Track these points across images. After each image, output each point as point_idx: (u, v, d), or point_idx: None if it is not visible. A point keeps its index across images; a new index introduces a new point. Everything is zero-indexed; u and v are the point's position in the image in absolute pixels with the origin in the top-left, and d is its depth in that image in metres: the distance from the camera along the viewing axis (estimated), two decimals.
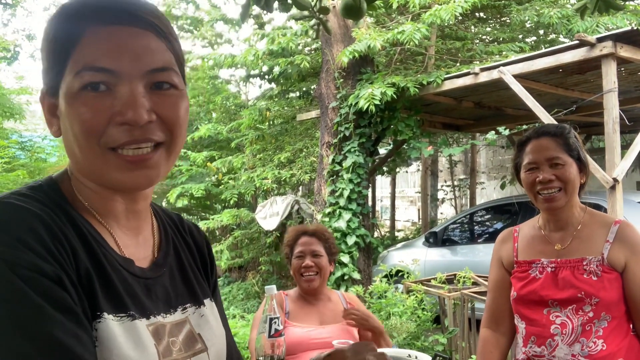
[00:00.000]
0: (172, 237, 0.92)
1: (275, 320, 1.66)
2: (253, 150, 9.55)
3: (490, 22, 9.26)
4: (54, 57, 0.74)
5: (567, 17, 6.89)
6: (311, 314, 2.40)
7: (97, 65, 0.71)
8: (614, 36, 4.68)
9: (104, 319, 0.70)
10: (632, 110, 6.99)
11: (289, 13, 7.13)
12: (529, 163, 1.75)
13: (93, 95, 0.71)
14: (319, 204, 7.09)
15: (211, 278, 0.98)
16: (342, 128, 6.81)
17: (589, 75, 5.65)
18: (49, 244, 0.66)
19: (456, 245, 6.99)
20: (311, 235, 2.49)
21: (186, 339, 0.82)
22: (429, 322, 4.46)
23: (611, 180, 4.59)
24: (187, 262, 0.92)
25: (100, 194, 0.78)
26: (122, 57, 0.71)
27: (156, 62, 0.74)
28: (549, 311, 1.69)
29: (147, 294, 0.79)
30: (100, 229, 0.78)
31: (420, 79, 6.22)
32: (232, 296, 8.32)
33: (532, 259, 1.77)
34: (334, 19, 6.84)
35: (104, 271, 0.74)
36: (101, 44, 0.71)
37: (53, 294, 0.63)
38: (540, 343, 1.70)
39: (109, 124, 0.71)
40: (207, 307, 0.90)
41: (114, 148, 0.72)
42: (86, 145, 0.72)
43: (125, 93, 0.71)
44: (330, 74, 7.01)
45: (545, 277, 1.71)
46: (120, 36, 0.72)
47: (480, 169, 13.37)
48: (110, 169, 0.73)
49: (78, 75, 0.71)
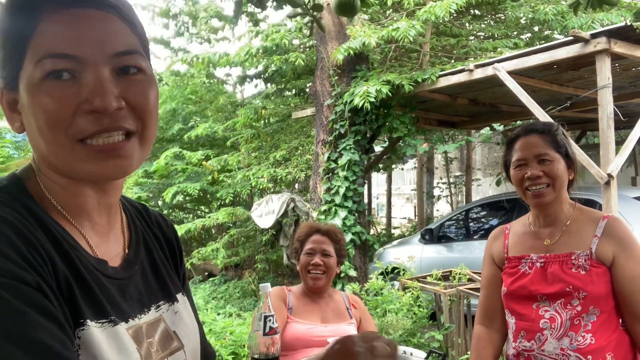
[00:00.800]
0: (142, 231, 0.89)
1: (270, 318, 1.66)
2: (248, 149, 9.53)
3: (485, 19, 9.27)
4: (10, 47, 0.69)
5: (561, 13, 6.90)
6: (314, 312, 2.41)
7: (58, 51, 0.66)
8: (607, 32, 4.68)
9: (87, 326, 0.68)
10: (627, 106, 7.00)
11: (283, 11, 7.10)
12: (517, 160, 1.77)
13: (56, 84, 0.66)
14: (315, 202, 7.09)
15: (180, 269, 0.95)
16: (338, 126, 6.80)
17: (583, 71, 5.66)
18: (25, 253, 0.64)
19: (452, 242, 7.00)
20: (324, 235, 2.50)
21: (162, 339, 0.80)
22: (425, 318, 4.46)
23: (606, 176, 4.60)
24: (158, 256, 0.89)
25: (70, 190, 0.74)
26: (85, 41, 0.67)
27: (121, 45, 0.70)
28: (538, 306, 1.71)
29: (122, 296, 0.77)
30: (71, 230, 0.74)
31: (415, 76, 6.22)
32: (229, 294, 8.31)
33: (521, 255, 1.79)
34: (328, 17, 6.83)
35: (82, 277, 0.71)
36: (61, 29, 0.66)
37: (36, 301, 0.62)
38: (529, 338, 1.72)
39: (75, 113, 0.67)
40: (180, 302, 0.88)
41: (82, 139, 0.68)
42: (52, 137, 0.68)
43: (91, 80, 0.67)
44: (325, 71, 7.00)
45: (534, 272, 1.73)
46: (82, 20, 0.67)
47: (476, 166, 13.40)
48: (80, 161, 0.69)
49: (39, 63, 0.66)
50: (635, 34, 4.72)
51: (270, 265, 9.11)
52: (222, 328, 5.70)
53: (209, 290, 8.67)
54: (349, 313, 2.48)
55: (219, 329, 5.71)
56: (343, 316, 2.45)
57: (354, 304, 2.54)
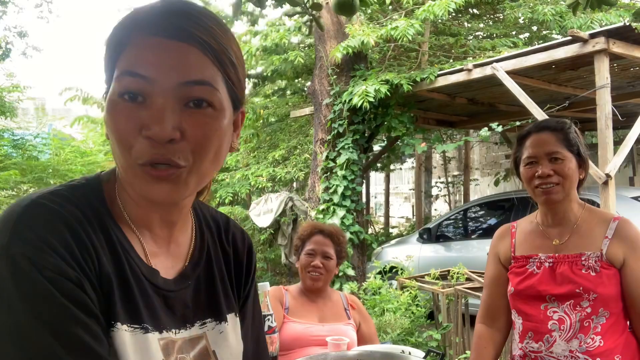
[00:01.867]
0: (209, 245, 0.88)
1: (269, 317, 1.66)
2: (247, 148, 9.53)
3: (483, 19, 9.27)
4: (105, 62, 0.74)
5: (560, 13, 6.91)
6: (311, 311, 2.40)
7: (134, 70, 0.69)
8: (606, 32, 4.69)
9: (117, 328, 0.70)
10: (625, 106, 7.01)
11: (282, 9, 7.08)
12: (528, 157, 1.74)
13: (128, 104, 0.69)
14: (313, 201, 7.09)
15: (244, 290, 0.94)
16: (336, 125, 6.80)
17: (581, 71, 5.67)
18: (73, 248, 0.67)
19: (450, 241, 7.01)
20: (326, 236, 2.49)
21: (199, 356, 0.80)
22: (423, 318, 4.47)
23: (604, 176, 4.61)
24: (219, 272, 0.88)
25: (137, 201, 0.77)
26: (158, 65, 0.69)
27: (193, 74, 0.70)
28: (547, 307, 1.68)
29: (165, 308, 0.78)
30: (131, 236, 0.77)
31: (413, 75, 6.22)
32: None
33: (529, 254, 1.76)
34: (327, 15, 6.83)
35: (126, 280, 0.73)
36: (141, 52, 0.70)
37: (76, 297, 0.65)
38: (537, 339, 1.69)
39: (137, 136, 0.69)
40: (229, 323, 0.87)
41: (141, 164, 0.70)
42: (121, 155, 0.71)
43: (157, 105, 0.69)
44: (323, 70, 7.00)
45: (543, 272, 1.71)
46: (162, 47, 0.70)
47: (474, 166, 13.41)
48: (138, 181, 0.71)
49: (117, 79, 0.70)
50: (633, 34, 4.72)
51: (269, 264, 9.11)
52: None
53: None
54: (347, 314, 2.48)
55: None
56: (341, 316, 2.45)
57: (352, 305, 2.53)
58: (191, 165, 0.72)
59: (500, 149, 12.24)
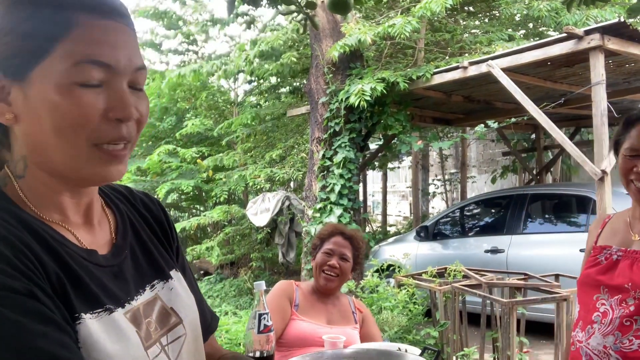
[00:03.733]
0: (127, 214, 0.91)
1: (265, 316, 1.66)
2: (244, 148, 9.51)
3: (479, 16, 9.27)
4: (28, 41, 0.70)
5: (556, 10, 6.91)
6: (320, 312, 2.39)
7: (100, 59, 0.71)
8: (601, 29, 4.69)
9: (82, 319, 0.70)
10: (621, 103, 7.03)
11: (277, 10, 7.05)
12: (630, 149, 1.62)
13: (87, 89, 0.70)
14: (310, 200, 7.08)
15: (173, 245, 0.98)
16: (332, 123, 6.80)
17: (577, 68, 5.67)
18: (14, 260, 0.65)
19: (447, 239, 7.02)
20: (346, 239, 2.49)
21: (160, 316, 0.83)
22: (420, 315, 4.47)
23: (600, 172, 4.61)
24: (147, 236, 0.91)
25: (54, 189, 0.77)
26: (119, 53, 0.72)
27: (139, 60, 0.76)
28: (598, 297, 1.62)
29: (115, 282, 0.79)
30: (56, 227, 0.76)
31: (409, 73, 6.22)
32: (224, 293, 8.31)
33: (606, 245, 1.70)
34: (322, 14, 6.82)
35: (72, 271, 0.73)
36: (99, 37, 0.71)
37: (28, 308, 0.63)
38: (583, 328, 1.64)
39: (100, 119, 0.72)
40: (175, 279, 0.90)
41: (97, 144, 0.72)
42: (72, 138, 0.71)
43: (118, 89, 0.72)
44: (319, 69, 6.99)
45: (607, 264, 1.64)
46: (116, 32, 0.73)
47: (471, 163, 13.42)
48: (90, 163, 0.73)
49: (78, 66, 0.70)
50: (628, 31, 4.73)
51: (266, 263, 9.10)
52: (217, 326, 5.69)
53: (205, 289, 8.65)
54: (354, 317, 2.47)
55: None
56: (349, 319, 2.44)
57: (359, 309, 2.54)
58: (133, 142, 0.78)
59: (497, 146, 12.24)
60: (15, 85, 0.71)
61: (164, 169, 9.93)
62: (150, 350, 0.77)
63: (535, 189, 7.27)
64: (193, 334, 0.88)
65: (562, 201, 6.38)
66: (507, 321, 3.54)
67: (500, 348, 3.68)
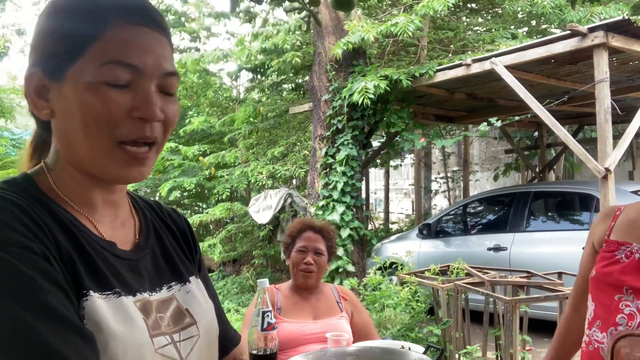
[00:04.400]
0: (152, 221, 0.94)
1: (268, 313, 1.66)
2: (246, 145, 9.51)
3: (482, 14, 9.25)
4: (66, 43, 0.76)
5: (560, 7, 6.89)
6: (304, 309, 2.39)
7: (126, 60, 0.75)
8: (605, 26, 4.68)
9: (90, 296, 0.73)
10: (624, 100, 7.01)
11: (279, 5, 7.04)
12: None
13: (114, 88, 0.75)
14: (313, 197, 7.08)
15: (196, 256, 1.01)
16: (335, 121, 6.79)
17: (580, 65, 5.66)
18: (32, 226, 0.70)
19: (450, 236, 7.01)
20: (317, 232, 2.48)
21: (174, 315, 0.85)
22: (423, 313, 4.47)
23: (603, 170, 4.60)
24: (170, 243, 0.94)
25: (82, 184, 0.81)
26: (147, 56, 0.77)
27: (170, 66, 0.80)
28: (620, 298, 1.55)
29: (130, 274, 0.82)
30: (79, 217, 0.80)
31: (412, 70, 6.21)
32: (227, 290, 8.32)
33: (623, 241, 1.61)
34: (325, 11, 6.81)
35: (86, 253, 0.76)
36: (129, 41, 0.76)
37: (43, 268, 0.67)
38: (603, 329, 1.57)
39: (125, 118, 0.75)
40: (193, 283, 0.93)
41: (121, 142, 0.76)
42: (96, 136, 0.75)
43: (144, 90, 0.76)
44: (322, 66, 6.98)
45: (630, 262, 1.56)
46: (146, 37, 0.78)
47: (474, 161, 13.40)
48: (112, 161, 0.77)
49: (105, 66, 0.74)
50: (632, 28, 4.71)
51: (268, 260, 9.10)
52: None
53: None
54: (340, 306, 2.47)
55: None
56: (334, 310, 2.43)
57: (343, 296, 2.52)
58: (159, 143, 0.81)
59: (500, 144, 12.22)
60: (53, 83, 0.77)
61: (166, 167, 9.93)
62: (156, 339, 0.78)
63: (538, 186, 7.26)
64: (207, 338, 0.89)
65: (565, 199, 6.36)
66: (510, 319, 3.53)
67: (503, 346, 3.68)
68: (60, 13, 0.78)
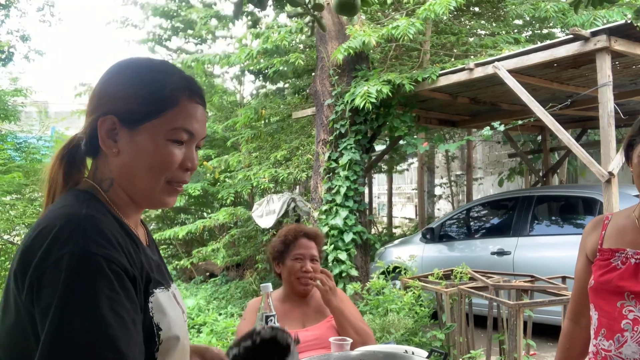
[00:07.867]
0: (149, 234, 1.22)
1: (272, 318, 1.66)
2: (249, 149, 9.52)
3: (484, 17, 9.25)
4: (148, 103, 1.03)
5: (562, 10, 6.89)
6: (294, 317, 2.38)
7: (188, 128, 1.05)
8: (608, 30, 4.68)
9: (154, 293, 1.01)
10: (627, 104, 7.00)
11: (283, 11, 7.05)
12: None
13: (176, 145, 1.04)
14: (316, 202, 7.09)
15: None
16: (338, 125, 6.80)
17: (583, 69, 5.66)
18: (130, 249, 0.96)
19: (453, 241, 6.99)
20: (311, 239, 2.48)
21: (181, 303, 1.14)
22: (427, 318, 4.46)
23: (607, 174, 4.60)
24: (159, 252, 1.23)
25: (129, 206, 1.08)
26: (199, 127, 1.07)
27: (205, 133, 1.11)
28: (623, 304, 1.56)
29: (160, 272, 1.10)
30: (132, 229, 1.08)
31: (415, 75, 6.21)
32: (230, 295, 8.31)
33: (617, 248, 1.63)
34: (328, 16, 6.83)
35: (148, 259, 1.05)
36: (191, 115, 1.06)
37: (127, 287, 0.92)
38: (609, 337, 1.58)
39: (178, 167, 1.05)
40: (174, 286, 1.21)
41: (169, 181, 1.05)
42: (157, 175, 1.03)
43: (192, 149, 1.07)
44: (325, 71, 7.00)
45: (626, 268, 1.58)
46: (200, 112, 1.08)
47: (477, 165, 13.39)
48: (161, 194, 1.06)
49: (175, 130, 1.03)
50: (635, 32, 4.71)
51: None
52: (223, 328, 5.70)
53: (211, 291, 8.66)
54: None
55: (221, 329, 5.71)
56: (323, 313, 2.41)
57: None
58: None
59: (503, 148, 12.20)
60: (124, 130, 1.02)
61: None
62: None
63: (542, 190, 7.24)
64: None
65: (568, 203, 6.35)
66: (514, 323, 3.53)
67: (506, 350, 3.67)
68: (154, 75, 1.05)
